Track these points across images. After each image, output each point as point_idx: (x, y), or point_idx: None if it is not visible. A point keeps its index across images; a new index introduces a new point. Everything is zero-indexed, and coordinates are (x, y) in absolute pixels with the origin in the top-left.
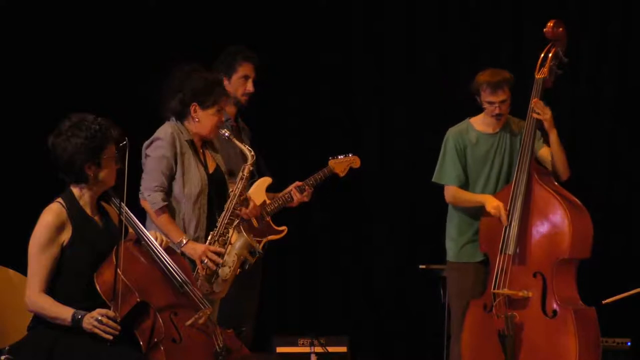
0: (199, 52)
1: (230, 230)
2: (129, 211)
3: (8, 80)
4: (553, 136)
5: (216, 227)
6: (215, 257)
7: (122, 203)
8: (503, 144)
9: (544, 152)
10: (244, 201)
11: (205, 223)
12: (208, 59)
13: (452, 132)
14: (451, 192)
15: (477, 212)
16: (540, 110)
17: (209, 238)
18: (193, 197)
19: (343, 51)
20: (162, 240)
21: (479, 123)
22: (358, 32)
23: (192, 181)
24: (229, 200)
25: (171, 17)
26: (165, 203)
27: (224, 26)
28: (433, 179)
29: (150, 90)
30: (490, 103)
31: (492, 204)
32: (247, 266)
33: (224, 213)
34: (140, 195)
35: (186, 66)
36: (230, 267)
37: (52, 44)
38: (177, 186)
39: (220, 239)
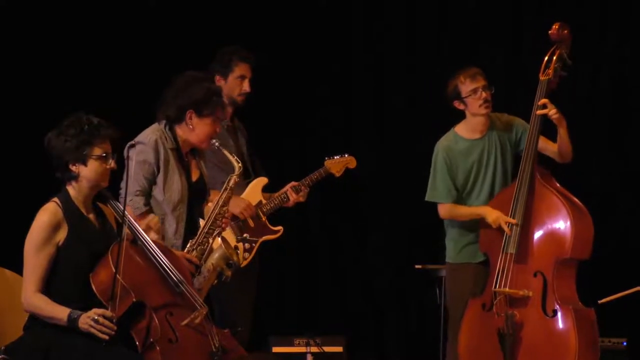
0: (198, 52)
1: (210, 240)
2: (125, 211)
3: (7, 80)
4: (563, 129)
5: (196, 235)
6: (190, 266)
7: (118, 204)
8: (493, 145)
9: (540, 141)
10: (225, 212)
11: (183, 231)
12: (207, 59)
13: (441, 146)
14: (447, 209)
15: None
16: (548, 107)
17: (188, 246)
18: (172, 205)
19: (342, 51)
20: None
21: (465, 130)
22: (358, 32)
23: (173, 189)
24: (211, 210)
25: (171, 17)
26: (147, 208)
27: (224, 26)
28: (427, 198)
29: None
30: (475, 91)
31: (491, 216)
32: (224, 277)
33: (205, 222)
34: (120, 200)
35: (188, 73)
36: (205, 277)
37: (51, 44)
38: (157, 193)
39: (198, 247)
